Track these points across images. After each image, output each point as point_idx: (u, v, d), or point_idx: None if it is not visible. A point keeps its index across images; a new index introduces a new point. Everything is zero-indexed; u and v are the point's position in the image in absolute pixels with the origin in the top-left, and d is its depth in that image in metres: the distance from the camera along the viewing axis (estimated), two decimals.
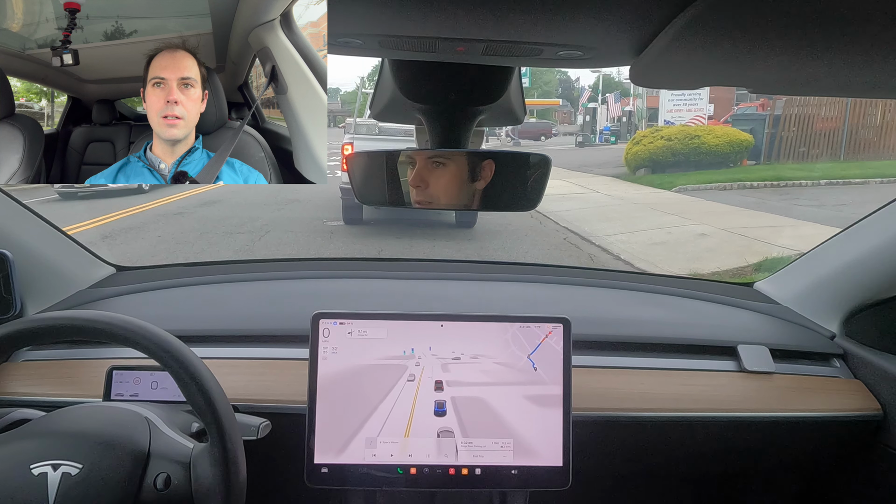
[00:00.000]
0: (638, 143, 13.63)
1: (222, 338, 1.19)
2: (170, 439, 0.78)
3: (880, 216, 1.18)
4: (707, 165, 12.61)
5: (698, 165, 12.65)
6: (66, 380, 1.10)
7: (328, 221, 7.52)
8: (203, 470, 0.74)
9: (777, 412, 1.12)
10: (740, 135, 13.21)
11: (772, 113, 13.87)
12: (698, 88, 0.62)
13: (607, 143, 24.04)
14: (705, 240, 6.75)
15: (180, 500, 0.74)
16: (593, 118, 27.26)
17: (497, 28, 0.47)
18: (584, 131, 26.85)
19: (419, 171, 0.69)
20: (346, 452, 0.98)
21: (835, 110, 13.50)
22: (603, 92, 29.92)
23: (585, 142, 25.05)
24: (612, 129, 25.14)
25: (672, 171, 12.64)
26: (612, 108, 26.49)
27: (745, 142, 13.10)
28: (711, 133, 13.21)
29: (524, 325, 1.02)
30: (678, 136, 13.11)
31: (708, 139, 12.90)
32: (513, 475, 0.99)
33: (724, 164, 12.80)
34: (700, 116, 16.54)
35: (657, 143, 13.11)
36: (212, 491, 0.72)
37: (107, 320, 0.73)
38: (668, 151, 12.89)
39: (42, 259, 1.23)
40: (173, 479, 0.74)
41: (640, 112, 23.93)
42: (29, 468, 0.69)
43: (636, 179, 12.67)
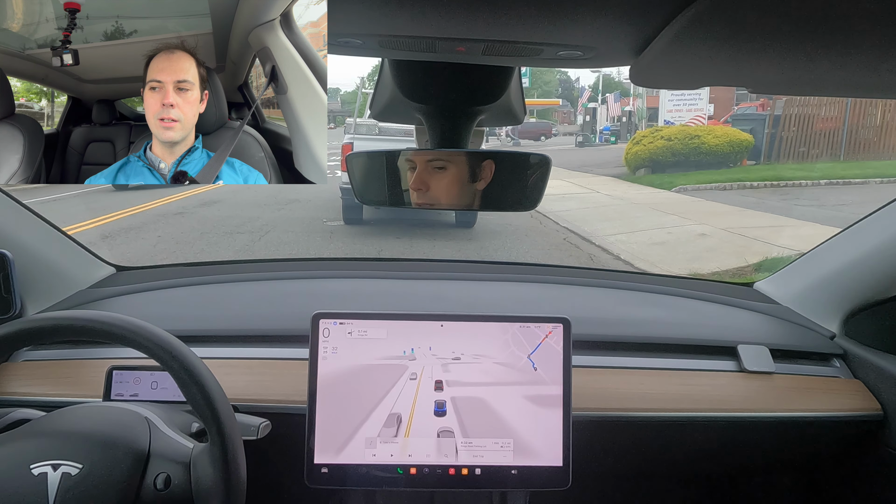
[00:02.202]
0: (638, 143, 13.52)
1: (222, 338, 1.19)
2: (170, 439, 0.78)
3: (880, 216, 1.18)
4: (707, 165, 12.48)
5: (698, 165, 12.51)
6: (66, 380, 1.10)
7: (328, 221, 7.47)
8: (203, 470, 0.74)
9: (777, 412, 1.12)
10: (740, 135, 13.10)
11: (772, 113, 13.82)
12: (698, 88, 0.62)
13: (607, 143, 23.96)
14: (705, 240, 6.72)
15: (180, 500, 0.74)
16: (593, 118, 27.21)
17: (497, 28, 0.47)
18: (584, 131, 26.78)
19: (419, 174, 0.69)
20: (345, 452, 0.98)
21: (835, 110, 13.46)
22: (603, 92, 29.82)
23: (585, 142, 24.98)
24: (612, 129, 25.06)
25: (672, 171, 12.50)
26: (612, 108, 26.45)
27: (745, 142, 13.00)
28: (711, 133, 13.08)
29: (524, 325, 1.02)
30: (678, 137, 12.99)
31: (708, 139, 12.78)
32: (513, 475, 0.99)
33: (724, 164, 12.67)
34: (700, 116, 16.44)
35: (657, 143, 13.00)
36: (212, 491, 0.72)
37: (105, 320, 0.73)
38: (668, 151, 12.79)
39: (42, 259, 1.23)
40: (173, 479, 0.74)
41: (640, 112, 23.83)
42: (29, 468, 0.69)
43: (636, 179, 12.54)
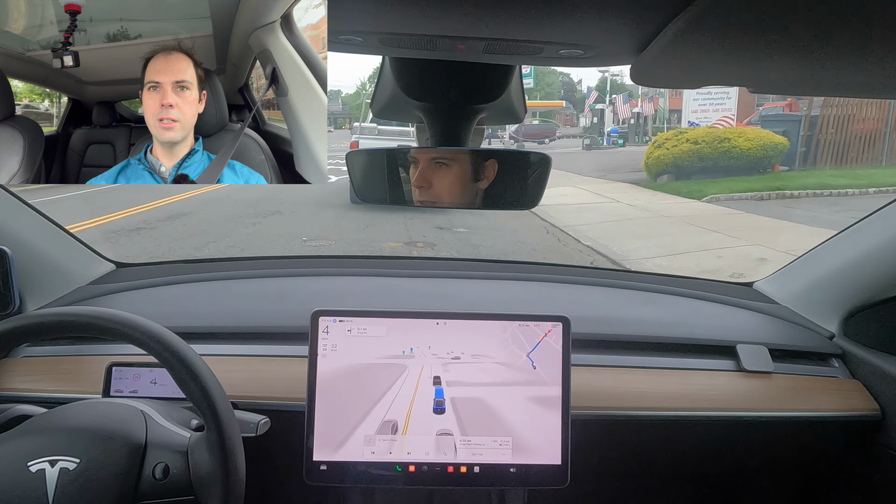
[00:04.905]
0: (660, 147, 12.28)
1: (222, 335, 1.19)
2: (166, 430, 0.78)
3: (879, 217, 1.18)
4: (736, 171, 11.30)
5: (727, 171, 11.37)
6: (66, 376, 1.10)
7: (309, 241, 6.46)
8: (201, 457, 0.74)
9: (776, 412, 1.12)
10: (774, 137, 11.77)
11: (808, 114, 12.58)
12: (699, 88, 0.62)
13: (615, 146, 23.34)
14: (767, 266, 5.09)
15: (180, 489, 0.74)
16: (601, 120, 26.50)
17: (498, 26, 0.47)
18: (591, 133, 25.92)
19: (422, 171, 0.69)
20: (344, 450, 0.98)
21: (875, 111, 12.38)
22: (610, 93, 28.79)
23: (593, 144, 24.19)
24: (620, 132, 24.40)
25: (698, 177, 11.48)
26: (621, 110, 25.47)
27: (780, 145, 11.72)
28: (743, 136, 11.79)
29: (523, 323, 1.02)
30: (706, 139, 11.77)
31: (739, 142, 11.51)
32: (511, 473, 0.99)
33: (754, 171, 11.49)
34: (728, 117, 15.16)
35: (682, 146, 11.81)
36: (211, 477, 0.72)
37: (102, 315, 0.73)
38: (694, 156, 11.66)
39: (41, 255, 1.23)
40: (172, 468, 0.74)
41: (661, 113, 23.00)
42: (26, 465, 0.69)
43: (658, 187, 11.39)
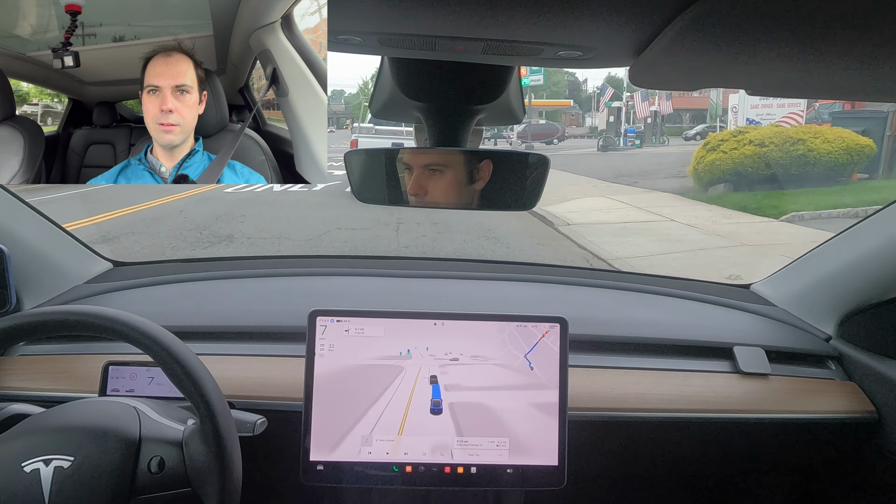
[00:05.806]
0: (715, 150, 10.19)
1: (219, 334, 1.19)
2: (160, 425, 0.78)
3: (877, 220, 1.19)
4: (810, 181, 9.32)
5: (800, 181, 9.30)
6: (62, 375, 1.10)
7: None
8: (196, 448, 0.74)
9: (772, 413, 1.13)
10: (858, 139, 9.56)
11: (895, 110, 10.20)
12: (698, 89, 0.62)
13: (633, 147, 21.40)
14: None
15: (176, 481, 0.74)
16: (617, 119, 24.66)
17: (497, 27, 0.47)
18: (607, 133, 23.89)
19: (416, 178, 0.69)
20: (341, 450, 0.98)
21: None
22: (626, 90, 26.28)
23: (609, 145, 21.86)
24: (637, 132, 22.59)
25: (762, 187, 9.39)
26: (640, 109, 23.49)
27: (867, 148, 9.54)
28: (820, 136, 9.62)
29: (521, 324, 1.02)
30: (774, 141, 9.62)
31: (816, 144, 9.41)
32: (508, 474, 1.00)
33: (831, 180, 9.41)
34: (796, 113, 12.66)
35: (744, 149, 9.70)
36: (206, 468, 0.72)
37: (96, 313, 0.73)
38: (760, 161, 9.54)
39: (38, 254, 1.23)
40: (167, 461, 0.74)
41: (713, 108, 20.13)
42: (21, 466, 0.69)
43: (715, 199, 9.35)
